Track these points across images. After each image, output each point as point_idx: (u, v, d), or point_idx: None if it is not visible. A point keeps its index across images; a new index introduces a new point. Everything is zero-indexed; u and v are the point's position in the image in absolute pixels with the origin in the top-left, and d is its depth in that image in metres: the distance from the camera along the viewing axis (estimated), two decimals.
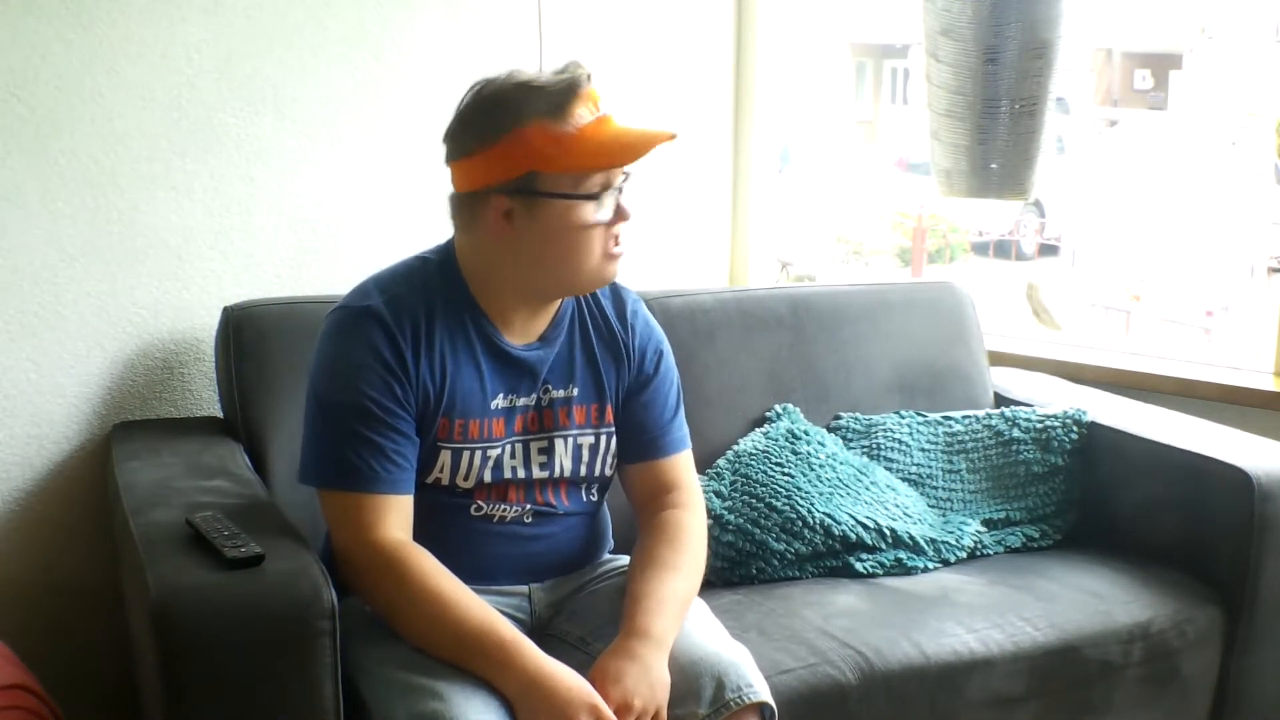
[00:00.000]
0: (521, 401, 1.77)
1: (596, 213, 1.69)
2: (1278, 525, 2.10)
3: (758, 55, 2.86)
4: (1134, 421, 2.40)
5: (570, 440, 1.80)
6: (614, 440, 1.83)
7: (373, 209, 2.43)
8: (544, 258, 1.71)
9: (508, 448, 1.76)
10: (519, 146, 1.65)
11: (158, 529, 1.69)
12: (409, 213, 2.44)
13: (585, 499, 1.84)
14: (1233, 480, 2.12)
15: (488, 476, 1.74)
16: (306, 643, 1.51)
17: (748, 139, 2.89)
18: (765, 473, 2.25)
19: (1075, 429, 2.41)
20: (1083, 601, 2.10)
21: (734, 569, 2.18)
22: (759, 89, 2.87)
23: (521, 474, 1.77)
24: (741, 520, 2.18)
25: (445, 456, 1.72)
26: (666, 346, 1.91)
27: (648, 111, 2.69)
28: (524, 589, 1.79)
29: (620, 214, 1.72)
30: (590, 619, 1.76)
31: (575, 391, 1.80)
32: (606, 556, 1.91)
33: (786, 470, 2.26)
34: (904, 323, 2.61)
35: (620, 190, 1.72)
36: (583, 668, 1.69)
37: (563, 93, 1.65)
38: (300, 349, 2.11)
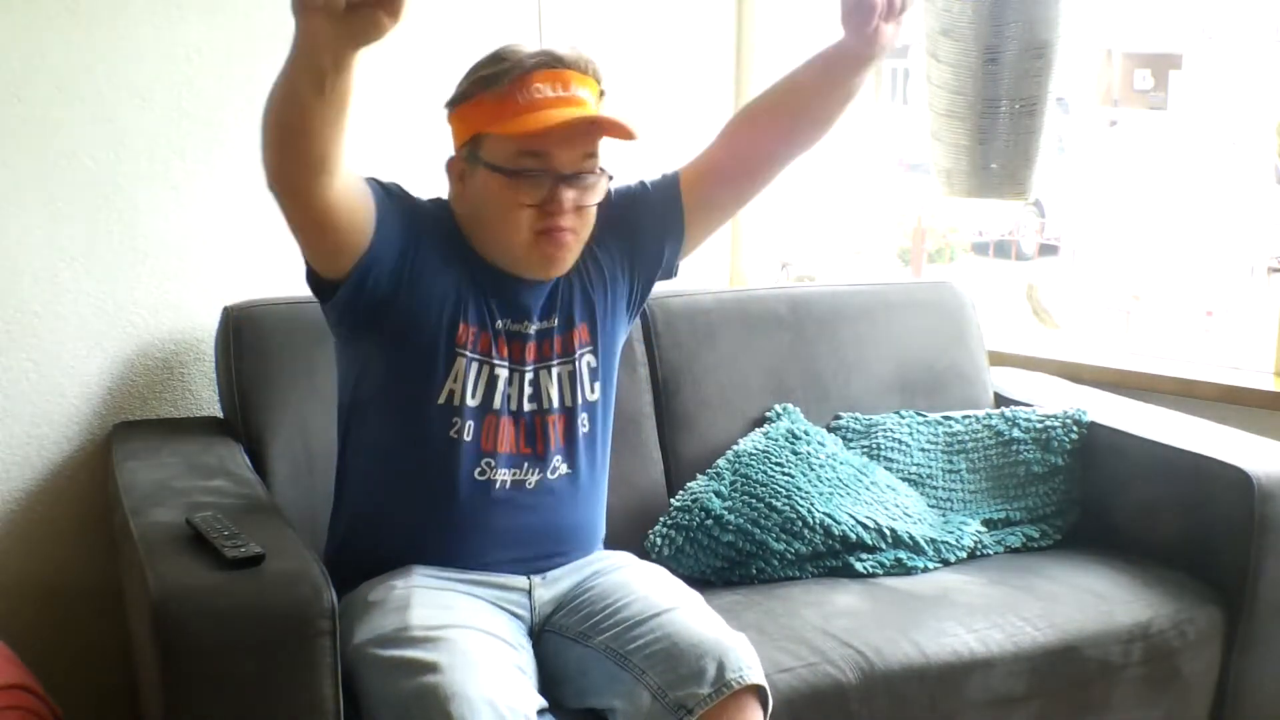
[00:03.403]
0: (512, 326, 1.80)
1: (522, 192, 1.70)
2: (1278, 525, 2.10)
3: (758, 55, 2.86)
4: (1134, 421, 2.40)
5: (554, 371, 1.83)
6: (585, 361, 1.85)
7: None
8: (481, 228, 1.77)
9: (506, 373, 1.79)
10: (472, 109, 1.72)
11: (158, 529, 1.69)
12: None
13: (582, 431, 1.85)
14: (1233, 480, 2.12)
15: (495, 400, 1.77)
16: (306, 643, 1.52)
17: None
18: (765, 473, 2.25)
19: (1075, 429, 2.41)
20: (1083, 601, 2.10)
21: (734, 569, 2.18)
22: (759, 89, 2.87)
23: (514, 405, 1.79)
24: (741, 520, 2.18)
25: (460, 365, 1.75)
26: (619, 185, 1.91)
27: (648, 111, 2.69)
28: (524, 583, 1.80)
29: (553, 201, 1.70)
30: (590, 614, 1.76)
31: (556, 322, 1.83)
32: (603, 551, 1.92)
33: (786, 470, 2.26)
34: (904, 323, 2.61)
35: (570, 181, 1.71)
36: (583, 661, 1.71)
37: (522, 63, 1.68)
38: (300, 349, 2.12)
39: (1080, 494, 2.41)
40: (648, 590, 1.77)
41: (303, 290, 2.37)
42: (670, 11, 2.75)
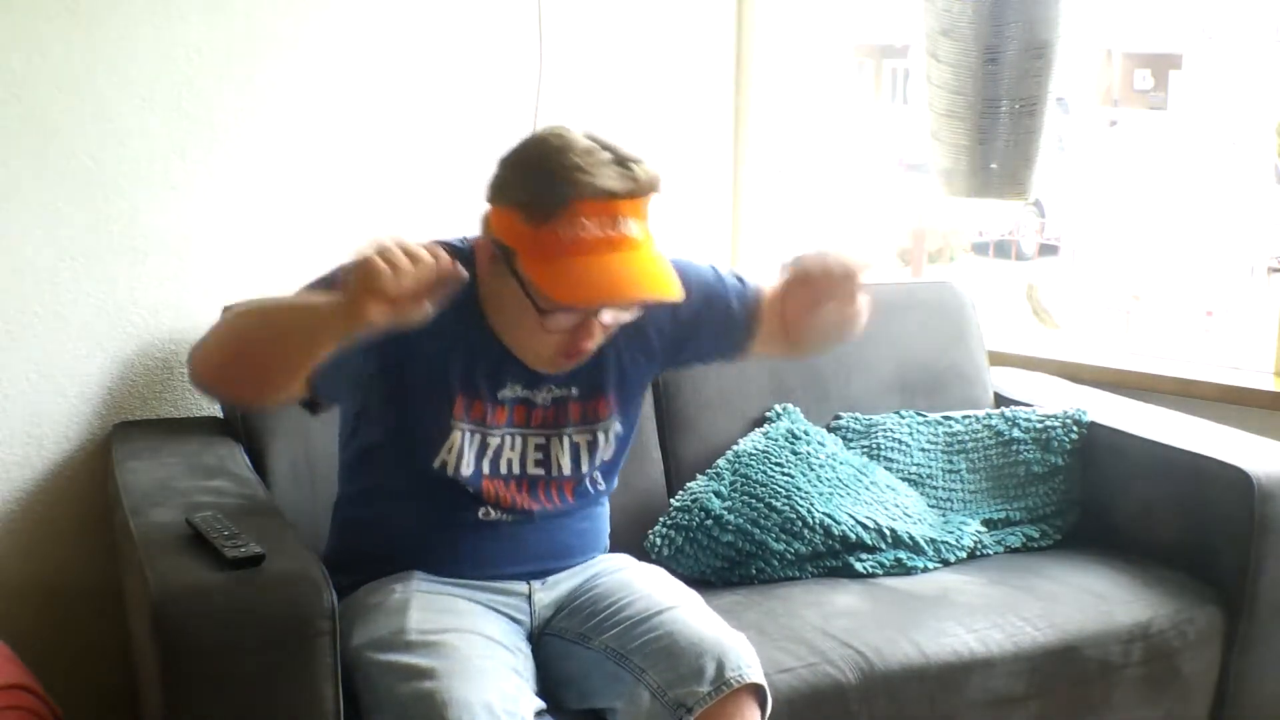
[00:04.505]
0: (522, 392, 1.76)
1: (550, 321, 1.64)
2: (1278, 525, 2.10)
3: (758, 55, 2.85)
4: (1134, 421, 2.40)
5: (568, 438, 1.80)
6: (613, 430, 1.83)
7: (372, 210, 2.43)
8: (501, 318, 1.71)
9: (507, 438, 1.76)
10: (509, 221, 1.62)
11: (158, 529, 1.69)
12: (409, 214, 2.44)
13: (593, 490, 1.84)
14: (1233, 480, 2.12)
15: (486, 468, 1.75)
16: (306, 643, 1.52)
17: (748, 139, 2.89)
18: (765, 473, 2.25)
19: (1075, 429, 2.41)
20: (1083, 601, 2.10)
21: (734, 569, 2.18)
22: (759, 89, 2.87)
23: (517, 469, 1.77)
24: (741, 520, 2.18)
25: (455, 438, 1.73)
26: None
27: (648, 111, 2.69)
28: (524, 588, 1.80)
29: (583, 328, 1.65)
30: (590, 614, 1.76)
31: (574, 390, 1.80)
32: (603, 556, 1.91)
33: (786, 470, 2.26)
34: (904, 323, 2.60)
35: (598, 312, 1.64)
36: (584, 664, 1.71)
37: (566, 197, 1.56)
38: None
39: (1080, 494, 2.41)
40: (648, 590, 1.77)
41: None
42: (670, 12, 2.74)
